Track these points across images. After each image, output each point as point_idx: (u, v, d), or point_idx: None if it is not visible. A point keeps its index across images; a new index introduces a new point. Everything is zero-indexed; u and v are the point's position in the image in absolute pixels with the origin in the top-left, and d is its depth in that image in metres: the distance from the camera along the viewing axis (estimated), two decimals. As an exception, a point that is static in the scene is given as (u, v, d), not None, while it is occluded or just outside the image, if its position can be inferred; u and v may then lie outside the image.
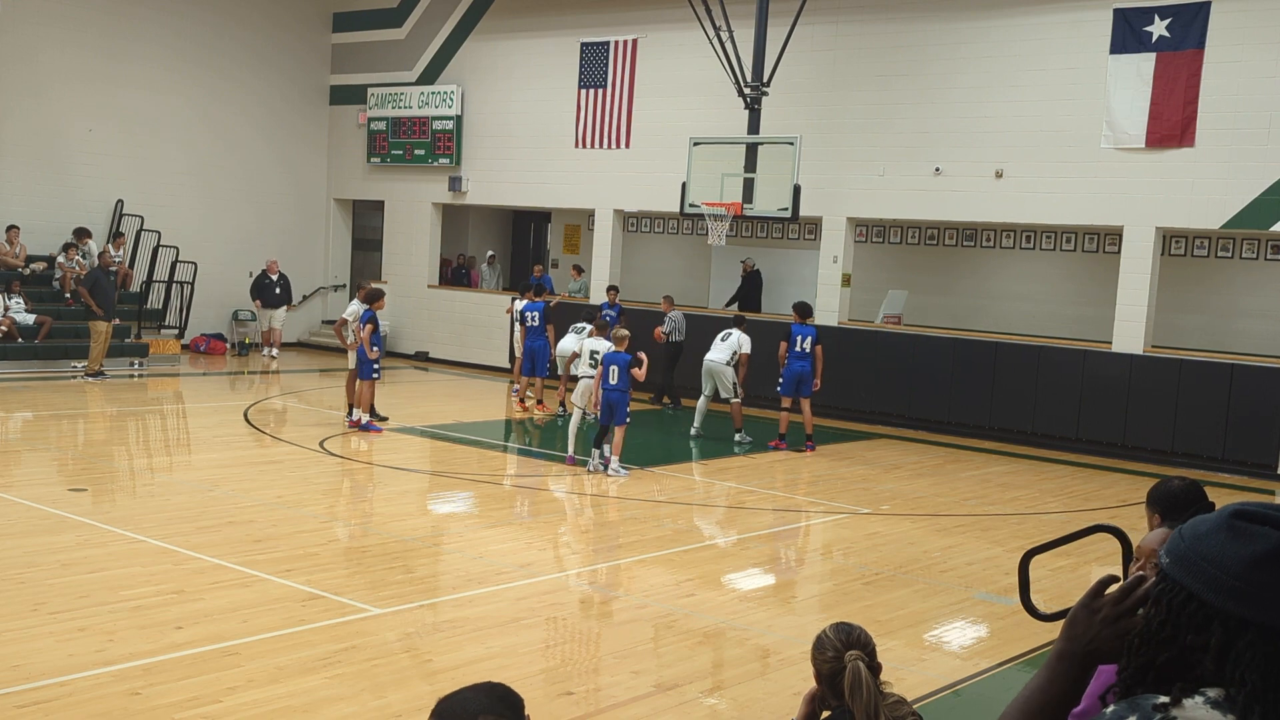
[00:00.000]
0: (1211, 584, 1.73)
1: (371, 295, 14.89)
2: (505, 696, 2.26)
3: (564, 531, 10.78)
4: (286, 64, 23.89)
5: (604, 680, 6.83)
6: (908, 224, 19.94)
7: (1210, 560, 1.75)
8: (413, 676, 6.54)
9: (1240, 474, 14.78)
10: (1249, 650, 1.69)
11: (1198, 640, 1.73)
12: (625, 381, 12.62)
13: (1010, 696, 1.98)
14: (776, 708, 6.40)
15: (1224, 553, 1.74)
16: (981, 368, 16.97)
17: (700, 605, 8.28)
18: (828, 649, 3.59)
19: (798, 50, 17.36)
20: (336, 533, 9.91)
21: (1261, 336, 17.13)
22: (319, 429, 14.71)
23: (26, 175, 20.64)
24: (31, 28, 20.37)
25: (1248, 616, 1.70)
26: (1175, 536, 1.85)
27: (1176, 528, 1.88)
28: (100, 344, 18.12)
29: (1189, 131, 15.34)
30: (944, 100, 17.18)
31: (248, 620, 7.23)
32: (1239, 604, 1.71)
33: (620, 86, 20.38)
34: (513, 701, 2.26)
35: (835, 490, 12.86)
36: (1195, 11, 15.21)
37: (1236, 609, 1.71)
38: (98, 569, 8.18)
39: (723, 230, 16.84)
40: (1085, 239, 18.77)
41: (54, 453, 12.79)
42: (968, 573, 9.64)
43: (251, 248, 23.40)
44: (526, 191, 21.97)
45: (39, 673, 6.21)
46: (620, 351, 12.74)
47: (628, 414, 12.74)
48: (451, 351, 22.59)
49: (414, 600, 7.97)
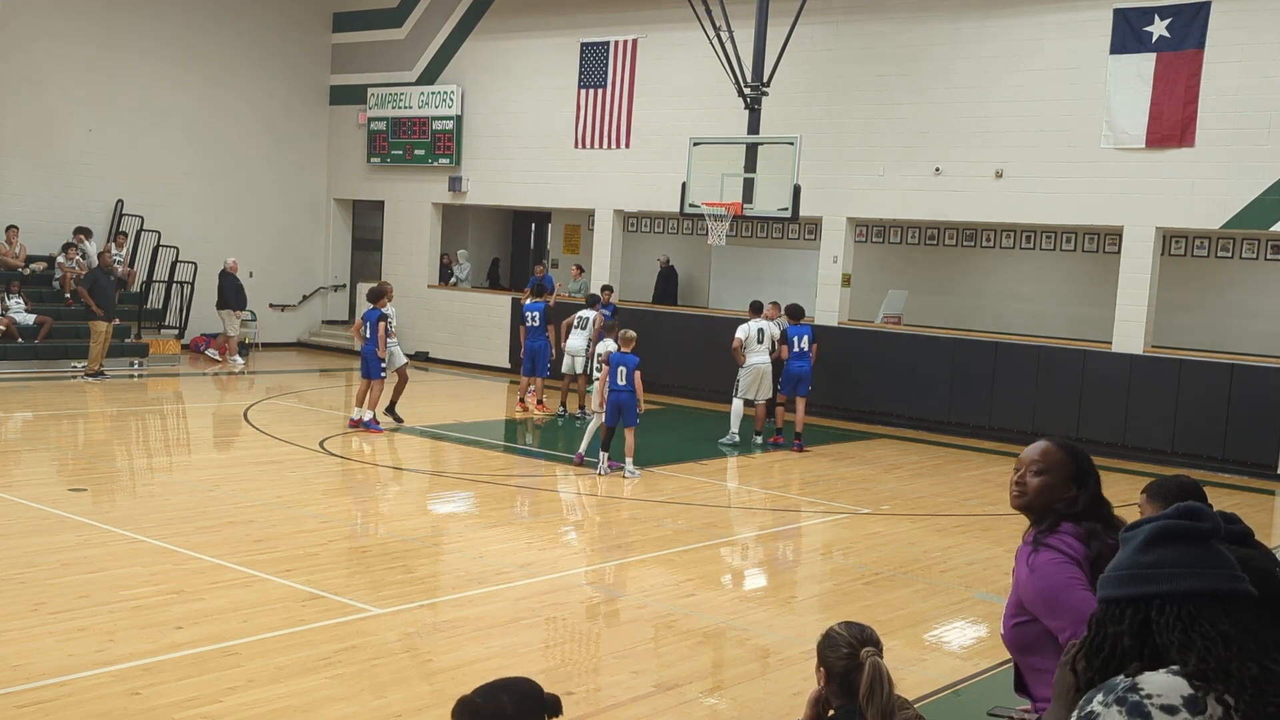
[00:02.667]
0: (1114, 582, 2.06)
1: (373, 294, 14.89)
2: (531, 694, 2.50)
3: (564, 531, 10.78)
4: (287, 64, 23.90)
5: (604, 680, 6.83)
6: (908, 224, 19.94)
7: (1113, 567, 2.09)
8: (413, 676, 6.54)
9: (1240, 474, 14.78)
10: (1160, 617, 1.98)
11: (1116, 629, 2.03)
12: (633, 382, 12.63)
13: (1011, 697, 2.06)
14: (777, 708, 6.40)
15: (1119, 557, 2.09)
16: (981, 368, 16.97)
17: (700, 605, 8.28)
18: (841, 646, 3.55)
19: (798, 50, 17.35)
20: (337, 533, 9.91)
21: (1261, 336, 17.13)
22: (319, 429, 14.71)
23: (27, 175, 20.64)
24: (31, 27, 20.37)
25: (1148, 592, 2.00)
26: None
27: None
28: (100, 344, 18.12)
29: (1189, 131, 15.34)
30: (944, 100, 17.19)
31: (248, 620, 7.23)
32: (1137, 585, 2.02)
33: (620, 86, 20.38)
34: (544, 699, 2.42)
35: (835, 490, 12.86)
36: (1195, 11, 15.21)
37: (1136, 590, 2.02)
38: (98, 569, 8.18)
39: (723, 230, 16.83)
40: (1085, 239, 18.77)
41: (54, 453, 12.80)
42: (968, 573, 9.64)
43: (252, 248, 23.40)
44: (526, 191, 21.98)
45: (39, 673, 6.20)
46: (628, 353, 12.73)
47: (637, 415, 12.74)
48: (451, 351, 22.58)
49: (414, 600, 7.97)
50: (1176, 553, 2.00)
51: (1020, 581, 3.55)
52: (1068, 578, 3.40)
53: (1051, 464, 3.58)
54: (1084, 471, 3.60)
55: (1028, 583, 3.50)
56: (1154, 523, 2.04)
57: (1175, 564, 1.99)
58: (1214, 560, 2.00)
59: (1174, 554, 2.00)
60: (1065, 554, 3.45)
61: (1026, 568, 3.51)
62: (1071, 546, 3.46)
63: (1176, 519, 2.03)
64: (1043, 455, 3.60)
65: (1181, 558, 1.99)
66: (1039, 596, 3.45)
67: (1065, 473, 3.57)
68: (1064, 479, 3.57)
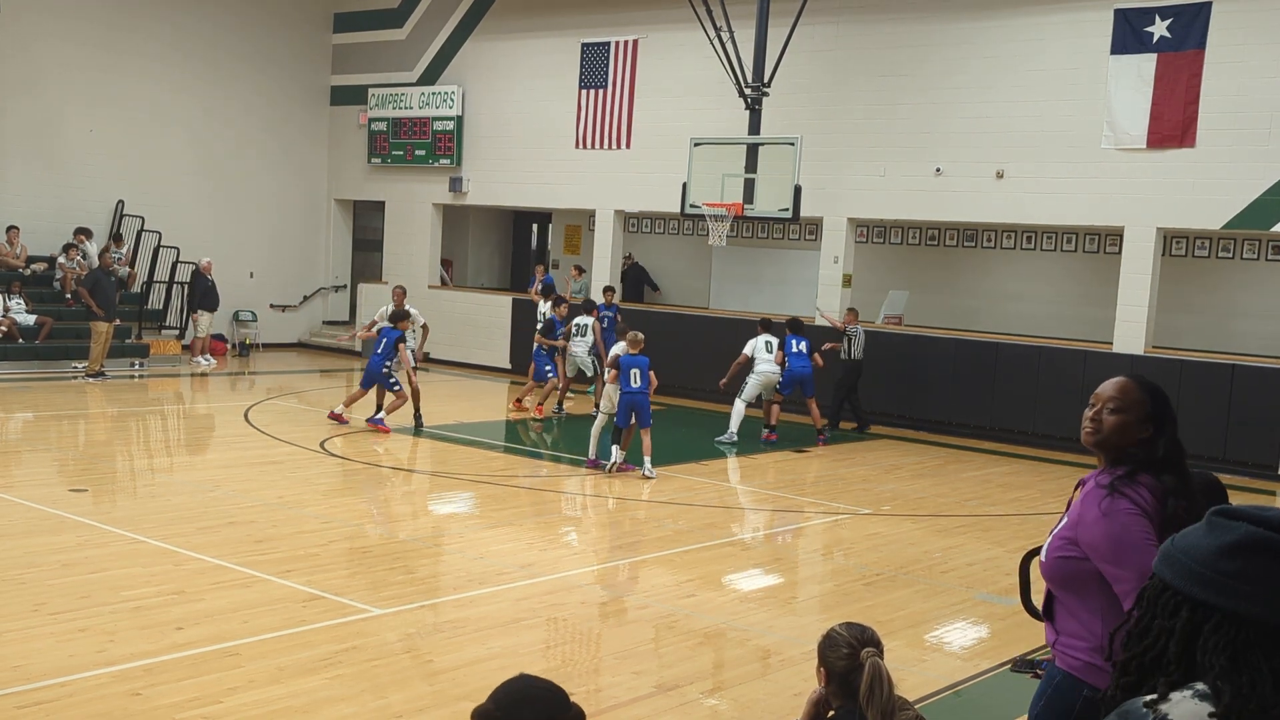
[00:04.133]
0: (1182, 572, 1.84)
1: (396, 315, 15.16)
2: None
3: (565, 532, 10.77)
4: (287, 64, 23.90)
5: (605, 681, 6.83)
6: (908, 224, 19.94)
7: (1184, 551, 1.86)
8: (414, 677, 6.54)
9: (1241, 474, 14.76)
10: (1214, 635, 1.77)
11: (1166, 625, 1.84)
12: (647, 384, 12.73)
13: (1011, 697, 2.01)
14: (777, 708, 6.40)
15: (1197, 544, 1.85)
16: (982, 368, 16.97)
17: (701, 606, 8.27)
18: (841, 646, 3.56)
19: (798, 50, 17.35)
20: (337, 533, 9.90)
21: (1262, 337, 17.12)
22: (320, 429, 14.71)
23: (27, 175, 20.65)
24: (32, 27, 20.37)
25: (1212, 602, 1.79)
26: (1166, 541, 1.94)
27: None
28: (101, 344, 18.12)
29: (1190, 132, 15.34)
30: (945, 100, 17.19)
31: (248, 621, 7.23)
32: (1204, 590, 1.80)
33: (621, 87, 20.38)
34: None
35: (836, 491, 12.85)
36: (1196, 12, 15.20)
37: (1201, 594, 1.80)
38: (99, 569, 8.18)
39: (723, 231, 16.84)
40: (1086, 239, 18.76)
41: (55, 453, 12.80)
42: (968, 573, 9.63)
43: (252, 248, 23.43)
44: (527, 192, 21.98)
45: (40, 673, 6.20)
46: (636, 354, 12.79)
47: (650, 416, 12.84)
48: (452, 352, 22.58)
49: (415, 601, 7.97)
50: (1263, 569, 1.78)
51: (1085, 522, 3.43)
52: (1143, 533, 3.33)
53: (1130, 402, 3.48)
54: (1162, 414, 3.49)
55: (1096, 525, 3.39)
56: (1251, 527, 1.81)
57: (1258, 582, 1.77)
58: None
59: (1261, 570, 1.78)
60: (1142, 507, 3.37)
61: (1098, 510, 3.40)
62: (1147, 501, 3.39)
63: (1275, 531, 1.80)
64: (1121, 392, 3.50)
65: (1267, 576, 1.77)
66: (1108, 543, 3.35)
67: (1142, 412, 3.47)
68: (1140, 418, 3.47)
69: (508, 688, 2.38)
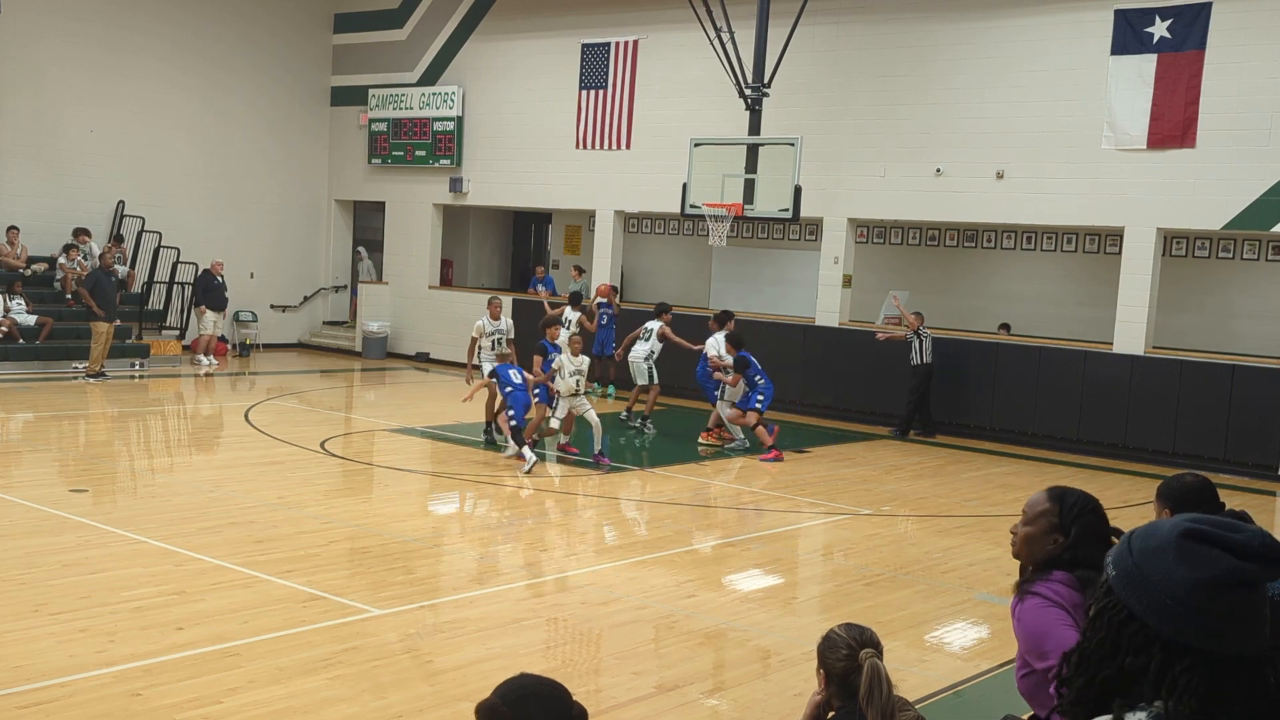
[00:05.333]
0: (1154, 606, 1.70)
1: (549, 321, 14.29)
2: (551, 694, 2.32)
3: (565, 532, 10.78)
4: (288, 65, 23.91)
5: (605, 681, 6.83)
6: (909, 225, 19.94)
7: (1155, 581, 1.71)
8: (414, 677, 6.54)
9: (1241, 475, 14.77)
10: (1185, 675, 1.67)
11: (1137, 663, 1.71)
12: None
13: (1011, 697, 1.98)
14: (777, 709, 6.40)
15: (1169, 575, 1.70)
16: (982, 368, 16.97)
17: (701, 606, 8.28)
18: (841, 647, 3.56)
19: (798, 51, 17.36)
20: (337, 533, 9.90)
21: (1262, 337, 17.13)
22: (320, 430, 14.71)
23: (27, 175, 20.65)
24: (32, 27, 20.38)
25: (1188, 641, 1.67)
26: (1123, 549, 1.80)
27: (1124, 537, 1.85)
28: (101, 345, 18.13)
29: (1190, 132, 15.34)
30: (945, 101, 17.19)
31: (249, 621, 7.24)
32: (1179, 629, 1.68)
33: (621, 87, 20.39)
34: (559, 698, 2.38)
35: (836, 491, 12.85)
36: (1196, 12, 15.21)
37: (1176, 633, 1.68)
38: (99, 570, 8.18)
39: (724, 231, 16.84)
40: (1086, 240, 18.77)
41: (55, 453, 12.80)
42: (969, 574, 9.64)
43: (252, 249, 23.43)
44: (527, 192, 21.98)
45: (40, 673, 6.21)
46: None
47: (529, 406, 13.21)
48: (453, 353, 22.56)
49: (415, 601, 7.97)
50: (1244, 605, 1.68)
51: (1015, 634, 3.52)
52: (1055, 618, 3.35)
53: (1035, 515, 3.55)
54: (1068, 519, 3.50)
55: (1017, 631, 3.47)
56: (1234, 561, 1.69)
57: (1242, 621, 1.68)
58: (1262, 616, 1.72)
59: (1243, 608, 1.68)
60: (1049, 599, 3.40)
61: (1015, 617, 3.49)
62: (1059, 593, 3.41)
63: (1252, 563, 1.69)
64: (1030, 505, 3.58)
65: (1248, 613, 1.68)
66: (1028, 642, 3.41)
67: (1047, 523, 3.51)
68: (1046, 529, 3.51)
69: (513, 684, 2.38)
